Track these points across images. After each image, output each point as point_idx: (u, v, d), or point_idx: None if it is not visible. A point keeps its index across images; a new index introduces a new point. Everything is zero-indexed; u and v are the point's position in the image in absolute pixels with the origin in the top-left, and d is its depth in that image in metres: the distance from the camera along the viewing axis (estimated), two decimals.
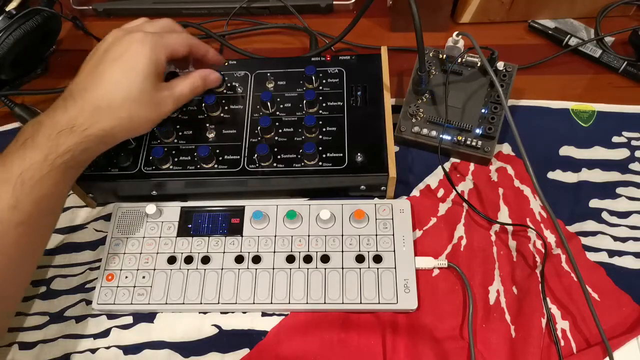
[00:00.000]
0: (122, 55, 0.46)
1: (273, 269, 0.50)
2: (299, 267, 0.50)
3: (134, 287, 0.50)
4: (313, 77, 0.56)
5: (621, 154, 0.56)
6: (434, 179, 0.56)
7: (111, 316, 0.50)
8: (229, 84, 0.57)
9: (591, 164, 0.56)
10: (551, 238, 0.52)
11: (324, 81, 0.57)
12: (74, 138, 0.43)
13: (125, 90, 0.45)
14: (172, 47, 0.48)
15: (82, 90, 0.45)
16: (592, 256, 0.51)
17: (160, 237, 0.52)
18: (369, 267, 0.49)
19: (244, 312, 0.49)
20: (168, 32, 0.50)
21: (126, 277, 0.50)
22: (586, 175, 0.55)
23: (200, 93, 0.53)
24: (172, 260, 0.51)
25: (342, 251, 0.50)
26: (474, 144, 0.55)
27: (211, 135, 0.54)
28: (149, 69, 0.46)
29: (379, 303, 0.48)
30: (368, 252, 0.50)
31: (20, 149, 0.42)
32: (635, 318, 0.47)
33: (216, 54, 0.55)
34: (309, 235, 0.51)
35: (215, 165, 0.52)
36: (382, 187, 0.53)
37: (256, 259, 0.50)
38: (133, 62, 0.46)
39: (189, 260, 0.51)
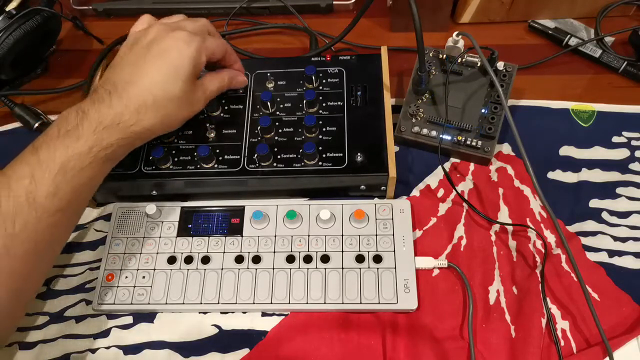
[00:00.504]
0: (167, 53, 0.46)
1: (273, 269, 0.50)
2: (299, 267, 0.50)
3: (134, 287, 0.50)
4: (313, 77, 0.56)
5: (621, 154, 0.56)
6: (434, 179, 0.56)
7: (111, 316, 0.50)
8: None
9: (591, 164, 0.56)
10: (551, 238, 0.52)
11: (324, 81, 0.57)
12: (118, 134, 0.44)
13: (169, 89, 0.46)
14: (212, 51, 0.49)
15: (126, 83, 0.45)
16: (592, 256, 0.51)
17: (160, 237, 0.52)
18: (369, 267, 0.49)
19: (244, 312, 0.49)
20: (210, 36, 0.50)
21: (126, 277, 0.50)
22: (586, 175, 0.55)
23: (224, 91, 0.54)
24: (172, 260, 0.51)
25: (342, 251, 0.50)
26: (474, 144, 0.55)
27: (211, 135, 0.54)
28: (192, 70, 0.47)
29: (379, 303, 0.48)
30: (368, 252, 0.50)
31: (64, 137, 0.43)
32: (635, 318, 0.47)
33: (242, 66, 0.55)
34: (309, 235, 0.51)
35: (215, 165, 0.52)
36: (382, 187, 0.53)
37: (256, 259, 0.50)
38: (178, 62, 0.46)
39: (189, 260, 0.51)
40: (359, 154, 0.51)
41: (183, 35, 0.47)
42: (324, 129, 0.53)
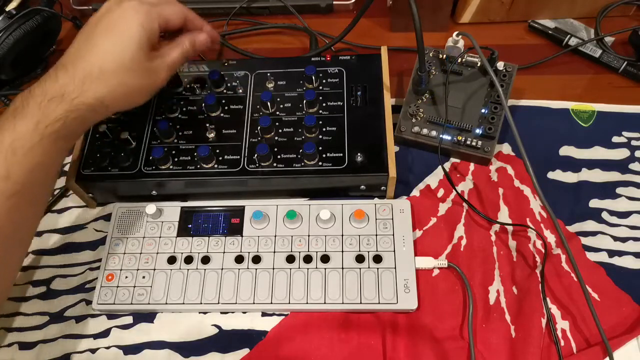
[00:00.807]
0: (115, 24, 0.45)
1: (273, 269, 0.50)
2: (299, 267, 0.50)
3: (134, 287, 0.50)
4: (313, 77, 0.56)
5: (621, 154, 0.56)
6: (434, 179, 0.56)
7: (111, 316, 0.50)
8: (229, 84, 0.57)
9: (591, 164, 0.56)
10: (551, 238, 0.52)
11: (324, 81, 0.57)
12: (64, 106, 0.42)
13: (117, 57, 0.44)
14: (166, 17, 0.48)
15: (74, 59, 0.44)
16: (592, 256, 0.51)
17: (160, 237, 0.52)
18: (369, 267, 0.49)
19: (244, 312, 0.49)
20: (163, 3, 0.49)
21: (126, 277, 0.50)
22: (586, 175, 0.55)
23: (192, 57, 0.52)
24: (172, 260, 0.51)
25: (342, 251, 0.50)
26: (474, 144, 0.55)
27: (211, 135, 0.54)
28: (142, 37, 0.45)
29: (379, 303, 0.48)
30: (368, 252, 0.50)
31: (10, 118, 0.42)
32: (635, 318, 0.47)
33: (212, 29, 0.54)
34: (309, 235, 0.51)
35: (215, 165, 0.52)
36: (382, 187, 0.53)
37: (256, 259, 0.50)
38: (125, 30, 0.45)
39: (189, 260, 0.51)
40: (359, 154, 0.51)
41: (132, 4, 0.46)
42: (324, 129, 0.53)
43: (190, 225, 0.53)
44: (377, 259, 0.50)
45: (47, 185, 0.46)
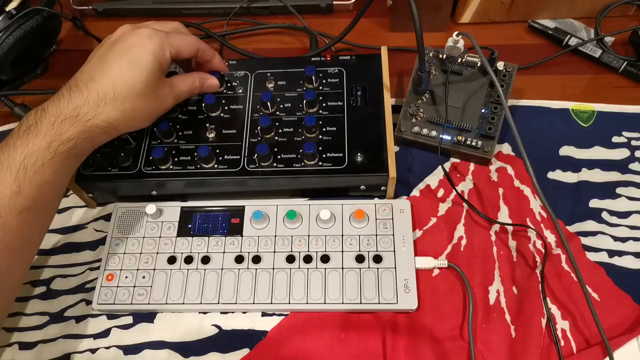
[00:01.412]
0: (129, 49, 0.47)
1: (273, 269, 0.50)
2: (299, 267, 0.50)
3: (134, 287, 0.50)
4: (313, 77, 0.56)
5: (621, 154, 0.56)
6: (434, 179, 0.56)
7: (111, 316, 0.50)
8: (229, 84, 0.57)
9: (591, 164, 0.56)
10: (551, 238, 0.52)
11: (324, 81, 0.57)
12: (77, 127, 0.44)
13: (130, 83, 0.46)
14: (178, 47, 0.49)
15: (88, 80, 0.46)
16: (592, 256, 0.51)
17: (160, 237, 0.52)
18: (369, 267, 0.49)
19: (244, 312, 0.49)
20: (176, 33, 0.51)
21: (126, 277, 0.50)
22: (586, 175, 0.55)
23: (196, 94, 0.55)
24: (172, 260, 0.51)
25: (342, 251, 0.50)
26: (474, 144, 0.55)
27: (211, 135, 0.54)
28: (154, 65, 0.47)
29: (379, 303, 0.48)
30: (368, 252, 0.50)
31: (24, 136, 0.43)
32: (635, 318, 0.47)
33: (222, 62, 0.56)
34: (309, 235, 0.51)
35: (215, 165, 0.52)
36: (382, 187, 0.53)
37: (256, 259, 0.50)
38: (139, 57, 0.47)
39: (189, 260, 0.51)
40: (359, 154, 0.51)
41: (146, 31, 0.48)
42: (324, 129, 0.53)
43: (190, 225, 0.53)
44: (377, 259, 0.50)
45: (55, 202, 0.47)
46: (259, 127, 0.53)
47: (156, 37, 0.48)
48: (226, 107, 0.56)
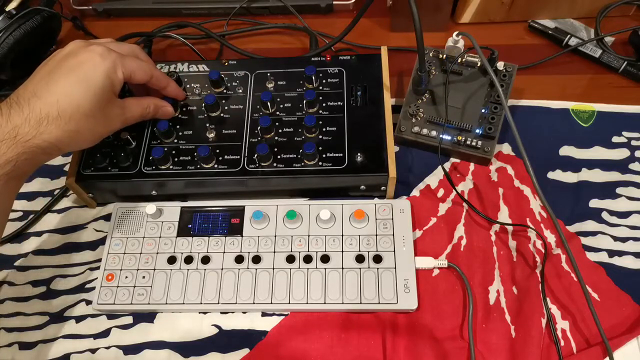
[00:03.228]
0: (79, 66, 0.44)
1: (273, 269, 0.50)
2: (299, 267, 0.50)
3: (134, 287, 0.50)
4: (313, 77, 0.56)
5: (621, 154, 0.56)
6: (434, 179, 0.56)
7: (111, 316, 0.50)
8: (228, 84, 0.57)
9: (591, 164, 0.56)
10: (551, 238, 0.52)
11: (324, 81, 0.57)
12: (16, 148, 0.41)
13: (77, 101, 0.43)
14: (132, 70, 0.47)
15: (31, 96, 0.43)
16: (592, 256, 0.51)
17: (160, 237, 0.52)
18: (369, 267, 0.49)
19: (244, 312, 0.49)
20: (132, 57, 0.48)
21: (126, 277, 0.50)
22: (586, 175, 0.55)
23: (149, 119, 0.53)
24: (172, 260, 0.51)
25: (342, 251, 0.50)
26: (474, 144, 0.55)
27: (211, 135, 0.54)
28: (105, 85, 0.45)
29: (379, 303, 0.48)
30: (368, 252, 0.50)
31: None
32: (635, 318, 0.47)
33: (177, 89, 0.54)
34: (309, 235, 0.51)
35: (215, 165, 0.52)
36: (382, 187, 0.53)
37: (256, 259, 0.50)
38: (90, 74, 0.44)
39: (189, 260, 0.51)
40: (359, 154, 0.51)
41: (99, 49, 0.45)
42: (324, 129, 0.53)
43: (190, 225, 0.53)
44: (377, 259, 0.50)
45: (1, 225, 0.44)
46: (259, 127, 0.53)
47: (109, 56, 0.45)
48: (226, 107, 0.56)
